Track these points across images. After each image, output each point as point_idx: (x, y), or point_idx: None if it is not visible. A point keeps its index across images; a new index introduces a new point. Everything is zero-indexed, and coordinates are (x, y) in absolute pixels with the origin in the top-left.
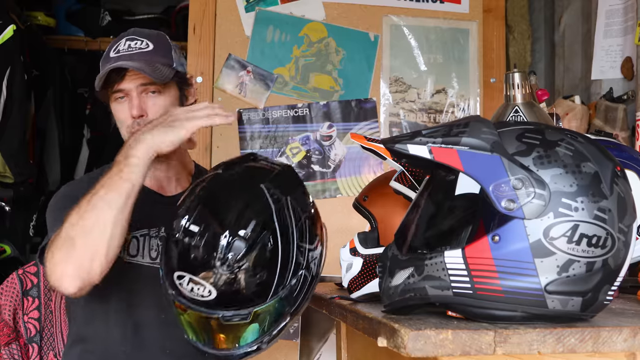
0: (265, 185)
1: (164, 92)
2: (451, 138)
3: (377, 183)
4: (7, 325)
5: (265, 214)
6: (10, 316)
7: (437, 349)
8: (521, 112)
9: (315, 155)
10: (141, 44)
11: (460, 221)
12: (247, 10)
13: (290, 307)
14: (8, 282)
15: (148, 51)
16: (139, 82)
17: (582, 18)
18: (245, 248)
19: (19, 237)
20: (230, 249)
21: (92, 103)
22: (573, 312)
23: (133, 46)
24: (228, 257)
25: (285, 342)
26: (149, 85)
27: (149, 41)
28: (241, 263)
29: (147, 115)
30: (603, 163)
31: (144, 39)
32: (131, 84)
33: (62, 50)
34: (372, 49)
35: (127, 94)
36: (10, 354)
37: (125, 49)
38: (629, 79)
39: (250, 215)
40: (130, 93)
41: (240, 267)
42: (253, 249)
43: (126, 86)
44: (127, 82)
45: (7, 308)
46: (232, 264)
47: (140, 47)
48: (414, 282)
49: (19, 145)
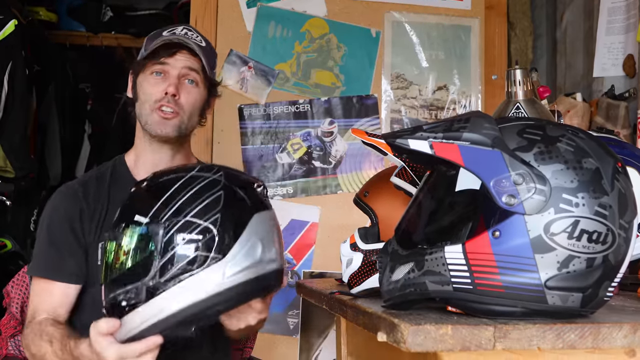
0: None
1: (199, 86)
2: (452, 133)
3: (377, 179)
4: (14, 317)
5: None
6: (18, 309)
7: (436, 344)
8: (523, 109)
9: (316, 151)
10: (197, 37)
11: (460, 216)
12: (248, 6)
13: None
14: (19, 275)
15: (202, 46)
16: (185, 65)
17: (584, 15)
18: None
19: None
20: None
21: (93, 98)
22: (573, 308)
23: (190, 35)
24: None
25: (285, 337)
26: (191, 72)
27: (202, 38)
28: None
29: (180, 97)
30: (604, 159)
31: (199, 34)
32: (178, 63)
33: (64, 46)
34: (373, 45)
35: (166, 72)
36: (15, 345)
37: (183, 34)
38: (631, 77)
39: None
40: (169, 72)
41: None
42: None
43: (172, 63)
44: (175, 61)
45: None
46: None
47: (196, 40)
48: (414, 277)
49: (20, 140)
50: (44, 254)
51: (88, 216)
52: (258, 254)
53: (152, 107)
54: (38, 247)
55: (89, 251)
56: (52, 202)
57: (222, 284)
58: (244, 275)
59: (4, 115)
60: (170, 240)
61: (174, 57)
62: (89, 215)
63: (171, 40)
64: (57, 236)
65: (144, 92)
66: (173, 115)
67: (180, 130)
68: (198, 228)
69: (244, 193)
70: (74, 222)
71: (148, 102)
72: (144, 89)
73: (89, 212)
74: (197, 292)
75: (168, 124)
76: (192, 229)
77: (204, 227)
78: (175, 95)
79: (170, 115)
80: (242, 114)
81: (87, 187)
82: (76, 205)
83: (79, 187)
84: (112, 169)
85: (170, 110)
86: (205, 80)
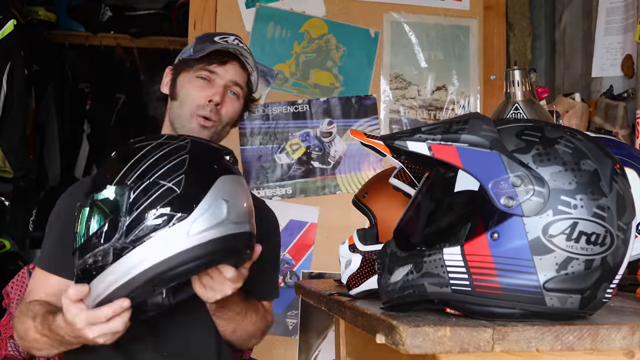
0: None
1: (239, 100)
2: (451, 135)
3: (376, 180)
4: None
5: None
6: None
7: (435, 345)
8: (521, 110)
9: (315, 152)
10: (246, 49)
11: (459, 218)
12: (247, 6)
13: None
14: (19, 276)
15: (251, 60)
16: (233, 77)
17: (583, 15)
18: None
19: (19, 231)
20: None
21: (92, 98)
22: (572, 310)
23: (241, 46)
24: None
25: (283, 338)
26: (236, 87)
27: (249, 51)
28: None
29: (222, 107)
30: (602, 161)
31: (246, 47)
32: (227, 75)
33: (63, 46)
34: (372, 45)
35: (211, 79)
36: (15, 346)
37: (235, 44)
38: (629, 77)
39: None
40: (216, 80)
41: None
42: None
43: (222, 73)
44: (225, 71)
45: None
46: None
47: (246, 52)
48: (412, 279)
49: (19, 140)
50: (51, 250)
51: None
52: (223, 213)
53: (193, 112)
54: (48, 243)
55: None
56: (66, 198)
57: (187, 242)
58: (209, 235)
59: (3, 115)
60: (135, 201)
61: (225, 66)
62: None
63: (226, 49)
64: (67, 234)
65: (187, 93)
66: (211, 124)
67: (212, 139)
68: (162, 188)
69: (210, 158)
70: None
71: (189, 105)
72: (186, 90)
73: None
74: (162, 251)
75: (204, 134)
76: (156, 190)
77: (168, 188)
78: (218, 105)
79: (209, 124)
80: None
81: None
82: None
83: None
84: None
85: (210, 119)
86: (246, 95)
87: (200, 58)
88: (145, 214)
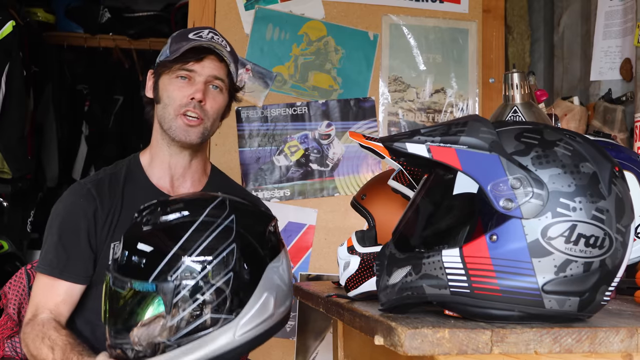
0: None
1: (223, 92)
2: (450, 137)
3: (375, 182)
4: (10, 319)
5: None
6: (15, 310)
7: (434, 347)
8: (520, 113)
9: (313, 154)
10: (222, 41)
11: (458, 220)
12: (246, 8)
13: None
14: (16, 276)
15: (229, 51)
16: (212, 72)
17: (582, 19)
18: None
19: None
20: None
21: (90, 100)
22: (570, 312)
23: (216, 40)
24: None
25: (281, 340)
26: (217, 80)
27: (227, 43)
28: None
29: (205, 104)
30: (601, 163)
31: (223, 38)
32: (205, 70)
33: (61, 47)
34: (371, 48)
35: (191, 77)
36: (12, 346)
37: (209, 38)
38: (628, 80)
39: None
40: (195, 77)
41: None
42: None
43: (200, 70)
44: (202, 67)
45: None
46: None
47: (222, 45)
48: (411, 281)
49: (17, 141)
50: (52, 253)
51: (102, 217)
52: (270, 309)
53: (177, 112)
54: (48, 245)
55: (99, 251)
56: (66, 200)
57: (233, 342)
58: (255, 332)
59: (1, 116)
60: (181, 302)
61: (201, 62)
62: (103, 215)
63: (200, 45)
64: (68, 236)
65: (169, 95)
66: (198, 122)
67: (203, 137)
68: (210, 289)
69: (256, 237)
70: (86, 222)
71: (172, 106)
72: (168, 91)
73: (102, 213)
74: (206, 351)
75: (192, 132)
76: (203, 291)
77: (217, 288)
78: (201, 102)
79: (195, 122)
80: (240, 116)
81: (101, 187)
82: (90, 206)
83: (92, 187)
84: (127, 168)
85: (195, 117)
86: (229, 87)
87: (176, 58)
88: (192, 315)
